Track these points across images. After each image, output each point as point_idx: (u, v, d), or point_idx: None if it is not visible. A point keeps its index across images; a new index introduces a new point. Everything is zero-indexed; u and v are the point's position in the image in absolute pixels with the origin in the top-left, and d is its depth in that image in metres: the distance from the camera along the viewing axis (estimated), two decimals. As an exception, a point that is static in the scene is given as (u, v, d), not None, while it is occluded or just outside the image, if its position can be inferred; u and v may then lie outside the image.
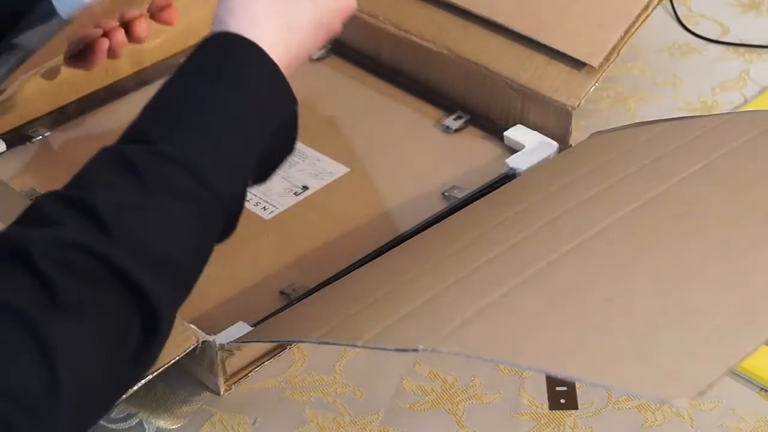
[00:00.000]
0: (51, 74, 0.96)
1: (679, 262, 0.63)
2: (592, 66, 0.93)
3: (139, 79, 1.05)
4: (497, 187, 0.88)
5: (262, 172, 0.67)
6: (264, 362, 0.80)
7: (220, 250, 0.64)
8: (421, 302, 0.64)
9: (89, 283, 0.54)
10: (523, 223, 0.72)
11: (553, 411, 0.76)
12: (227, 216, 0.62)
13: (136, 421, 0.76)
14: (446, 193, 0.92)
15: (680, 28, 1.16)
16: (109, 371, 0.54)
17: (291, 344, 0.81)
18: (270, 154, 0.65)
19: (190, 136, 0.60)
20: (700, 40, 1.14)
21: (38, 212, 0.57)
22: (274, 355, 0.81)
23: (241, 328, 0.77)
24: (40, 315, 0.51)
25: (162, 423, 0.76)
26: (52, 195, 0.58)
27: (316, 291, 0.80)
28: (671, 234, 0.67)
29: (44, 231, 0.55)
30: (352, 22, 0.82)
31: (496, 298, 0.62)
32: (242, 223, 0.66)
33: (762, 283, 0.60)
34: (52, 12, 0.76)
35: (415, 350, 0.58)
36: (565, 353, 0.56)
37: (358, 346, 0.61)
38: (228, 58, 0.64)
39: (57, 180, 0.95)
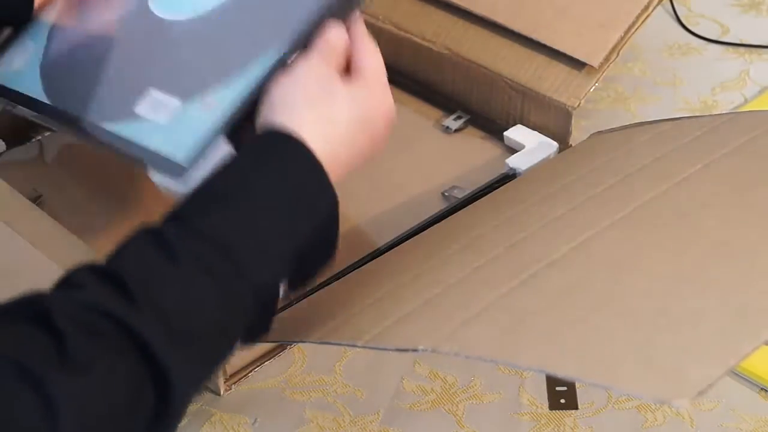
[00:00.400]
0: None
1: (678, 263, 0.63)
2: (592, 66, 0.93)
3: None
4: (497, 187, 0.88)
5: (299, 273, 0.65)
6: (264, 362, 0.80)
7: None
8: (421, 302, 0.64)
9: (104, 346, 0.53)
10: (523, 223, 0.72)
11: (553, 411, 0.76)
12: (259, 305, 0.61)
13: (136, 421, 0.76)
14: (446, 193, 0.92)
15: (680, 28, 1.16)
16: None
17: (291, 344, 0.81)
18: (307, 254, 0.64)
19: (224, 216, 0.60)
20: (700, 40, 1.14)
21: (67, 278, 0.57)
22: (274, 355, 0.81)
23: (241, 328, 0.77)
24: (49, 371, 0.51)
25: (162, 423, 0.76)
26: (86, 265, 0.57)
27: (316, 291, 0.80)
28: (671, 235, 0.67)
29: (68, 292, 0.55)
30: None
31: (495, 299, 0.62)
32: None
33: (762, 284, 0.60)
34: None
35: (415, 350, 0.58)
36: (565, 354, 0.56)
37: (358, 347, 0.61)
38: (270, 150, 0.64)
39: (57, 180, 0.96)
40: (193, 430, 0.76)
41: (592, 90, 0.93)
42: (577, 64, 0.94)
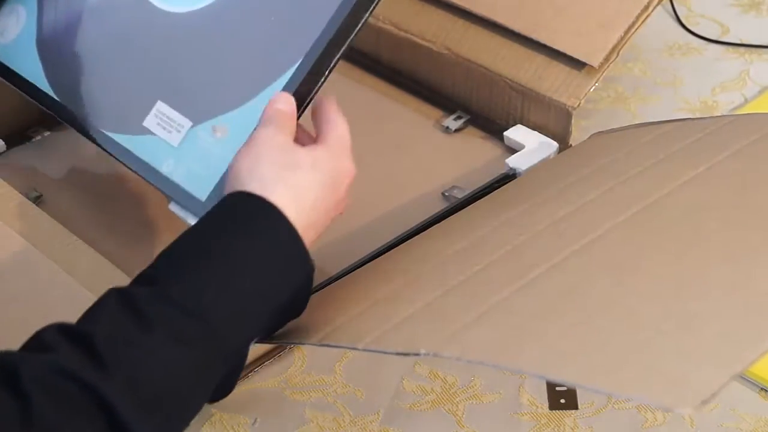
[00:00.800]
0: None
1: (680, 266, 0.63)
2: (592, 66, 0.93)
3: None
4: (497, 187, 0.88)
5: (267, 331, 0.66)
6: (264, 362, 0.80)
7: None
8: (422, 305, 0.64)
9: (70, 410, 0.53)
10: (524, 225, 0.72)
11: (553, 411, 0.76)
12: (228, 369, 0.61)
13: (136, 421, 0.76)
14: (446, 193, 0.92)
15: (680, 28, 1.16)
16: None
17: (291, 345, 0.81)
18: (278, 316, 0.64)
19: (198, 283, 0.60)
20: (700, 40, 1.14)
21: (38, 339, 0.57)
22: (274, 355, 0.81)
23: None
24: None
25: (162, 423, 0.76)
26: (56, 326, 0.57)
27: (316, 292, 0.80)
28: (672, 237, 0.67)
29: (38, 355, 0.55)
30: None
31: (497, 302, 0.62)
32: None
33: (765, 287, 0.59)
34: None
35: (417, 354, 0.58)
36: (567, 359, 0.56)
37: (359, 349, 0.61)
38: (243, 214, 0.64)
39: (57, 180, 0.96)
40: (193, 430, 0.76)
41: (592, 90, 0.93)
42: (577, 64, 0.94)
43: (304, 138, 0.71)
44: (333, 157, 0.68)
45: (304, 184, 0.65)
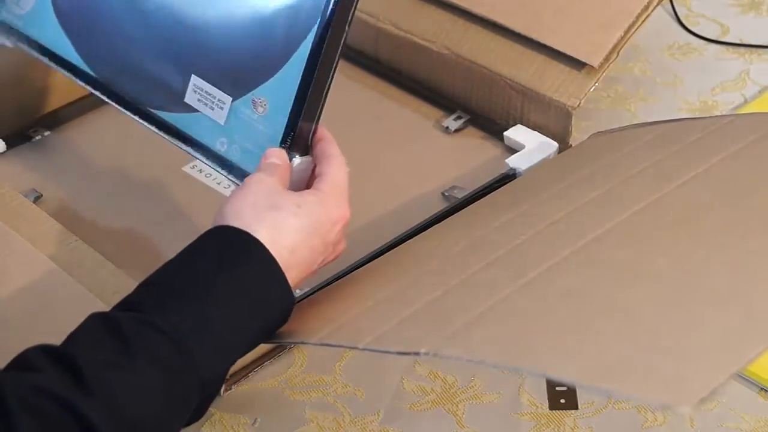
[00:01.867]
0: (51, 74, 0.96)
1: (680, 269, 0.63)
2: (592, 66, 0.93)
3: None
4: (497, 187, 0.88)
5: (245, 353, 0.66)
6: (264, 362, 0.80)
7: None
8: (422, 304, 0.64)
9: (52, 430, 0.54)
10: (524, 225, 0.72)
11: (553, 411, 0.76)
12: (203, 396, 0.62)
13: (136, 421, 0.76)
14: (446, 193, 0.92)
15: (680, 28, 1.16)
16: None
17: (291, 345, 0.81)
18: (254, 342, 0.66)
19: (180, 311, 0.61)
20: (700, 40, 1.14)
21: (24, 360, 0.58)
22: (274, 355, 0.81)
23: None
24: None
25: (162, 423, 0.76)
26: (41, 347, 0.58)
27: (316, 292, 0.80)
28: (673, 239, 0.67)
29: (23, 375, 0.56)
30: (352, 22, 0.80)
31: (497, 302, 0.62)
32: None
33: (764, 289, 0.60)
34: None
35: (417, 354, 0.58)
36: (568, 359, 0.56)
37: (359, 349, 0.61)
38: (223, 245, 0.65)
39: (57, 180, 0.96)
40: (193, 430, 0.76)
41: (592, 90, 0.93)
42: (577, 64, 0.94)
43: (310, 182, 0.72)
44: (322, 203, 0.69)
45: (285, 227, 0.66)
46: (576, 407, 0.76)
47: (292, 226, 0.66)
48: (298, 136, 0.71)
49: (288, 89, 0.71)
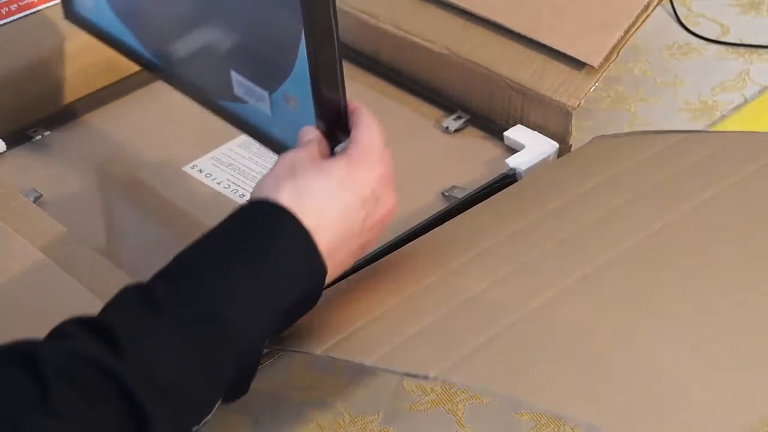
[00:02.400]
0: (51, 74, 0.96)
1: (694, 305, 0.62)
2: (592, 66, 0.93)
3: (140, 79, 1.05)
4: (497, 188, 0.88)
5: (280, 328, 0.66)
6: (264, 362, 0.80)
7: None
8: (430, 321, 0.63)
9: (89, 395, 0.54)
10: (531, 242, 0.71)
11: (553, 411, 0.76)
12: (240, 369, 0.62)
13: (136, 421, 0.76)
14: (446, 193, 0.92)
15: (680, 28, 1.16)
16: None
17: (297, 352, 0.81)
18: (290, 315, 0.65)
19: (214, 282, 0.61)
20: (700, 40, 1.14)
21: (60, 330, 0.58)
22: (275, 355, 0.81)
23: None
24: (29, 415, 0.52)
25: (162, 423, 0.76)
26: (76, 318, 0.59)
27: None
28: (685, 272, 0.65)
29: (57, 342, 0.57)
30: (352, 22, 0.81)
31: (507, 326, 0.61)
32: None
33: None
34: None
35: (426, 377, 0.58)
36: (579, 400, 0.55)
37: (367, 365, 0.61)
38: (250, 217, 0.65)
39: (57, 180, 0.96)
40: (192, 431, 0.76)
41: (592, 90, 0.93)
42: (577, 64, 0.94)
43: None
44: (349, 163, 0.68)
45: (307, 189, 0.65)
46: (576, 407, 0.76)
47: (314, 188, 0.65)
48: (329, 120, 0.71)
49: (305, 82, 0.70)
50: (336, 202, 0.66)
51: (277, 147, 0.76)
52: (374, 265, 0.80)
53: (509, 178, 0.91)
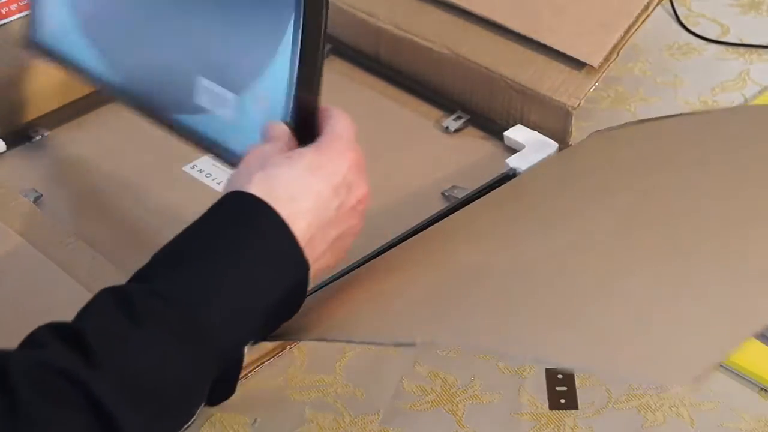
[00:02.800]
0: (51, 74, 0.96)
1: (675, 240, 0.62)
2: (592, 66, 0.93)
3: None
4: (497, 188, 0.88)
5: (261, 331, 0.65)
6: (264, 362, 0.80)
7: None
8: (417, 294, 0.64)
9: (56, 403, 0.53)
10: (522, 222, 0.72)
11: (553, 411, 0.76)
12: (222, 371, 0.61)
13: (136, 421, 0.76)
14: (446, 193, 0.92)
15: (680, 28, 1.16)
16: None
17: (290, 343, 0.81)
18: (272, 315, 0.64)
19: (189, 280, 0.60)
20: (700, 40, 1.14)
21: (31, 339, 0.57)
22: (274, 355, 0.81)
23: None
24: None
25: (162, 423, 0.76)
26: (48, 324, 0.58)
27: (315, 292, 0.80)
28: (667, 216, 0.66)
29: (28, 352, 0.56)
30: (352, 22, 0.81)
31: (490, 287, 0.61)
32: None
33: (762, 265, 0.59)
34: None
35: (412, 344, 0.58)
36: (562, 344, 0.55)
37: (355, 342, 0.61)
38: (241, 215, 0.64)
39: (57, 180, 0.96)
40: (193, 430, 0.76)
41: (592, 90, 0.93)
42: (577, 64, 0.94)
43: None
44: (317, 151, 0.67)
45: (277, 179, 0.65)
46: (576, 407, 0.76)
47: (284, 176, 0.65)
48: (301, 119, 0.71)
49: (282, 80, 0.70)
50: (308, 190, 0.65)
51: (233, 159, 0.75)
52: (371, 262, 0.80)
53: (509, 178, 0.91)
